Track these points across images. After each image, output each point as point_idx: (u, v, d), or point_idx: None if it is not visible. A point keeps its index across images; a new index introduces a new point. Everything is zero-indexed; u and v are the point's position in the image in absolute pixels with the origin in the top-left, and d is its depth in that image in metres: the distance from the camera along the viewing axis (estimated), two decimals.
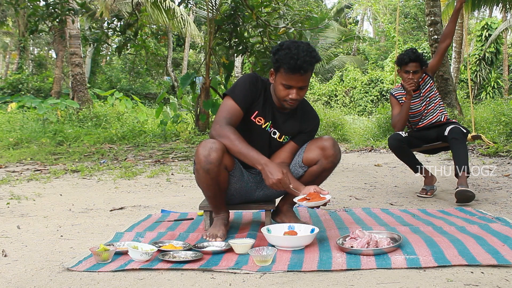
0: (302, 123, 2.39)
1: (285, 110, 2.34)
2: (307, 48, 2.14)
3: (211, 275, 1.77)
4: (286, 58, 2.11)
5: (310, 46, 2.19)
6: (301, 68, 2.11)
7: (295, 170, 2.40)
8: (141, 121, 9.88)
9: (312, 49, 2.17)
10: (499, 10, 14.66)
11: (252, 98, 2.27)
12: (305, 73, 2.14)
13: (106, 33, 6.53)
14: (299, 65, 2.10)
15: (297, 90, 2.18)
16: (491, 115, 7.71)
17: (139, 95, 18.77)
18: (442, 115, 3.56)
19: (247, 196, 2.47)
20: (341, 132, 9.87)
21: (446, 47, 3.63)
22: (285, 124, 2.36)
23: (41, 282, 1.73)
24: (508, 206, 3.12)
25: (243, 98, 2.24)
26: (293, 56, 2.10)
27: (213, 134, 2.20)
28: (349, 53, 27.10)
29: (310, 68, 2.15)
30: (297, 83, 2.16)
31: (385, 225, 2.55)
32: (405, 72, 3.45)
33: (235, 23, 5.85)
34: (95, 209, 3.27)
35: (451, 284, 1.61)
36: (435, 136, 3.52)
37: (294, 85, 2.17)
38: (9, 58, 24.34)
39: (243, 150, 2.14)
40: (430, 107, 3.55)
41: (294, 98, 2.19)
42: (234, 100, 2.23)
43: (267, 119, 2.33)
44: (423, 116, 3.56)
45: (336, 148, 2.35)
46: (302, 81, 2.17)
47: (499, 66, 19.32)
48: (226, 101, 2.25)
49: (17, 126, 9.05)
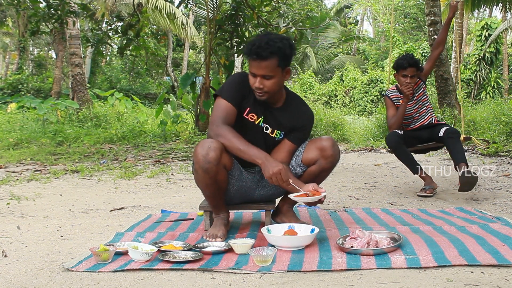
0: (293, 119, 2.37)
1: (276, 105, 2.35)
2: (270, 37, 2.16)
3: (211, 275, 1.77)
4: (247, 45, 2.17)
5: (276, 35, 2.20)
6: (255, 53, 2.13)
7: (294, 169, 2.40)
8: (141, 121, 9.88)
9: (276, 38, 2.16)
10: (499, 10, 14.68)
11: (242, 94, 2.29)
12: (260, 59, 2.13)
13: (107, 34, 6.53)
14: (253, 51, 2.13)
15: (261, 79, 2.18)
16: (491, 115, 7.71)
17: (139, 95, 18.77)
18: (433, 118, 3.75)
19: (247, 196, 2.47)
20: (341, 132, 9.86)
21: (438, 54, 3.86)
22: (276, 118, 2.35)
23: (41, 283, 1.73)
24: (508, 206, 3.12)
25: (234, 95, 2.26)
26: (252, 42, 2.16)
27: (211, 135, 2.20)
28: (349, 53, 27.11)
29: (267, 55, 2.12)
30: (257, 70, 2.17)
31: (385, 225, 2.55)
32: (402, 76, 3.61)
33: (236, 23, 5.85)
34: (95, 209, 3.27)
35: (451, 284, 1.61)
36: (427, 136, 3.69)
37: (256, 73, 2.18)
38: (9, 58, 24.33)
39: (242, 146, 2.15)
40: (422, 110, 3.73)
41: (257, 87, 2.20)
42: (225, 99, 2.25)
43: (259, 115, 2.33)
44: (414, 119, 3.73)
45: (335, 149, 2.35)
46: (262, 69, 2.15)
47: (499, 66, 19.31)
48: (218, 101, 2.27)
49: (17, 126, 9.04)
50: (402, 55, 3.70)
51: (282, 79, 2.24)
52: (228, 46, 6.44)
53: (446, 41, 3.95)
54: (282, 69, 2.20)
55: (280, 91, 2.33)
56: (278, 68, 2.18)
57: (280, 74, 2.21)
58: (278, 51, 2.14)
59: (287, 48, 2.16)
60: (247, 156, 2.15)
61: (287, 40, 2.20)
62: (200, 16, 15.88)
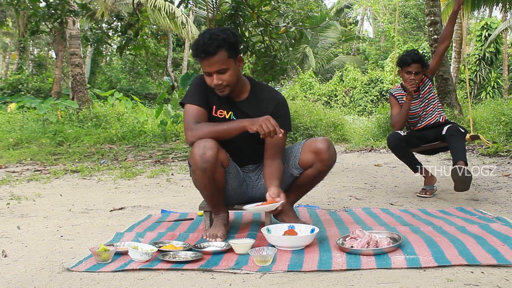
0: (261, 107, 2.33)
1: (240, 97, 2.34)
2: (211, 31, 2.15)
3: (211, 275, 1.77)
4: (193, 47, 2.16)
5: (217, 29, 2.20)
6: (202, 52, 2.12)
7: (291, 171, 2.40)
8: (141, 121, 9.88)
9: (217, 31, 2.15)
10: (499, 10, 14.68)
11: (205, 94, 2.29)
12: (208, 56, 2.12)
13: (107, 33, 6.53)
14: (200, 50, 2.12)
15: (217, 75, 2.17)
16: (491, 115, 7.71)
17: (139, 95, 18.76)
18: (441, 116, 3.60)
19: (244, 195, 2.46)
20: (341, 132, 9.87)
21: (445, 49, 3.66)
22: (244, 111, 2.33)
23: (41, 283, 1.73)
24: (508, 206, 3.12)
25: (198, 96, 2.27)
26: (196, 43, 2.15)
27: (191, 141, 2.20)
28: (349, 53, 27.12)
29: (214, 50, 2.11)
30: (209, 68, 2.16)
31: (385, 225, 2.55)
32: (406, 73, 3.48)
33: (236, 23, 5.85)
34: (95, 209, 3.27)
35: (451, 284, 1.61)
36: (434, 136, 3.54)
37: (210, 70, 2.17)
38: (9, 58, 24.32)
39: (225, 125, 2.17)
40: (429, 109, 3.59)
41: (216, 83, 2.19)
42: (191, 103, 2.26)
43: (228, 110, 2.33)
44: (421, 117, 3.60)
45: (331, 151, 2.33)
46: (214, 65, 2.14)
47: (499, 66, 19.32)
48: (185, 108, 2.28)
49: (17, 126, 9.05)
50: (406, 51, 3.57)
51: (237, 68, 2.22)
52: None
53: (452, 35, 3.79)
54: (234, 59, 2.19)
55: (241, 81, 2.30)
56: (229, 59, 2.16)
57: (233, 64, 2.19)
58: (224, 43, 2.12)
59: (231, 38, 2.15)
60: (235, 130, 2.16)
61: (229, 30, 2.19)
62: (200, 16, 15.88)
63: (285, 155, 2.43)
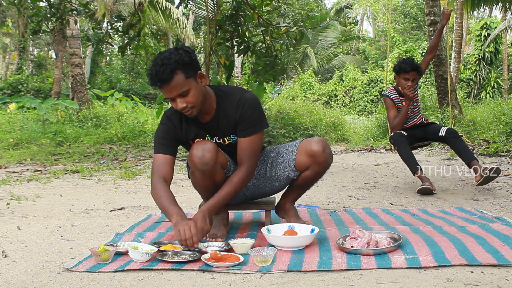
0: (230, 118, 2.23)
1: (208, 116, 2.23)
2: (162, 56, 2.00)
3: (211, 275, 1.77)
4: (148, 77, 2.06)
5: (167, 51, 2.03)
6: (158, 81, 2.00)
7: (287, 173, 2.38)
8: (141, 121, 9.89)
9: (167, 54, 2.00)
10: (499, 9, 14.68)
11: (172, 136, 2.24)
12: (165, 83, 2.00)
13: (108, 33, 6.53)
14: (154, 79, 2.01)
15: (180, 99, 2.05)
16: (491, 115, 7.72)
17: (139, 96, 18.77)
18: (422, 117, 4.02)
19: (243, 194, 2.45)
20: (341, 132, 9.88)
21: (431, 58, 4.10)
22: (217, 129, 2.26)
23: (41, 283, 1.73)
24: (508, 206, 3.12)
25: (163, 143, 2.22)
26: (149, 72, 2.03)
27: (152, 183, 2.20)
28: (349, 53, 27.12)
29: (168, 76, 1.98)
30: (170, 94, 2.04)
31: (385, 225, 2.55)
32: (404, 79, 3.79)
33: (237, 23, 5.84)
34: (95, 209, 3.27)
35: (451, 284, 1.61)
36: (421, 135, 3.93)
37: (172, 96, 2.05)
38: (9, 58, 24.32)
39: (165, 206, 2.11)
40: (416, 110, 3.95)
41: (182, 107, 2.08)
42: (157, 153, 2.23)
43: (203, 136, 2.28)
44: (409, 118, 3.93)
45: (327, 153, 2.32)
46: (174, 90, 2.02)
47: (499, 65, 19.32)
48: (154, 157, 2.25)
49: (17, 126, 9.05)
50: (403, 59, 3.87)
51: (199, 86, 2.08)
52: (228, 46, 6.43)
53: (438, 46, 4.31)
54: (193, 78, 2.06)
55: (208, 98, 2.17)
56: (188, 80, 2.03)
57: (194, 83, 2.06)
58: (178, 65, 1.99)
59: (184, 57, 2.01)
60: (166, 215, 2.12)
61: (181, 49, 2.04)
62: (200, 16, 15.88)
63: (279, 154, 2.41)
